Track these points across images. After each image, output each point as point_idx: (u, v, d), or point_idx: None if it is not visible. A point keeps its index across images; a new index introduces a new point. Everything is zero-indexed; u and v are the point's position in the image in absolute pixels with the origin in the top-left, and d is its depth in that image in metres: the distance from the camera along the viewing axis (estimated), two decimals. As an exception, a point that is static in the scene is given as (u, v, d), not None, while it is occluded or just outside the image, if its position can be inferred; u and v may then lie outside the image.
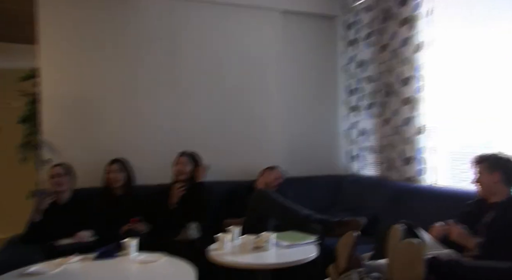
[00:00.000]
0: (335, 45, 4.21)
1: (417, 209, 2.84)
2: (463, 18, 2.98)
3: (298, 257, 2.22)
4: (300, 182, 3.75)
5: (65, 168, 2.85)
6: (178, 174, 3.13)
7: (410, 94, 3.19)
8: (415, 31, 3.16)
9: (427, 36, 3.11)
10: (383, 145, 3.49)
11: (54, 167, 2.86)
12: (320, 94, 4.15)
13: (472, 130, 2.92)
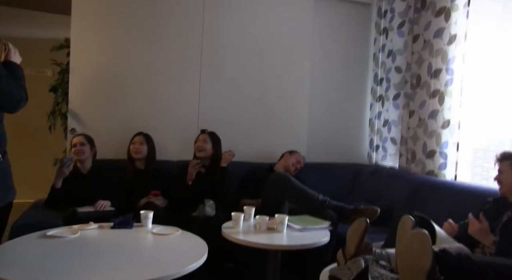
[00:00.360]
0: (368, 33, 4.14)
1: (434, 204, 2.81)
2: (498, 13, 2.88)
3: (310, 241, 2.24)
4: (320, 168, 3.76)
5: (86, 138, 2.94)
6: (198, 150, 3.19)
7: (438, 87, 3.13)
8: (450, 23, 3.07)
9: (461, 28, 3.02)
10: (406, 136, 3.45)
11: (76, 137, 2.95)
12: (348, 81, 4.10)
13: (498, 128, 2.85)
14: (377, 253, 1.85)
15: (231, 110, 3.67)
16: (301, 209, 2.78)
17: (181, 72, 3.54)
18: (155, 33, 3.46)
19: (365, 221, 1.80)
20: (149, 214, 2.33)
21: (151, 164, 3.11)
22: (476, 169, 3.04)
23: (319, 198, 2.76)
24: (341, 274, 1.65)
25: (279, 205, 2.76)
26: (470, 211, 2.37)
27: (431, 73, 3.19)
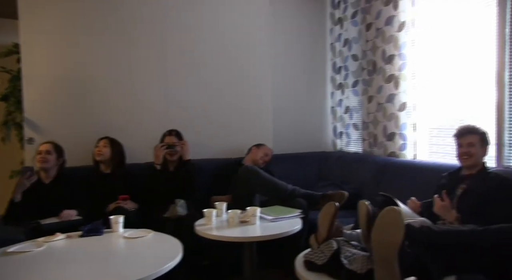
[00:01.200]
0: (324, 23, 4.23)
1: (398, 183, 2.95)
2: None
3: (283, 230, 2.30)
4: (287, 159, 3.83)
5: (53, 147, 2.86)
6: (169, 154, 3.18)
7: (393, 72, 3.25)
8: (398, 10, 3.20)
9: (409, 15, 3.15)
10: (367, 121, 3.57)
11: (44, 144, 2.86)
12: (308, 71, 4.19)
13: (449, 108, 3.01)
14: (348, 234, 1.93)
15: (196, 108, 3.67)
16: (272, 200, 2.84)
17: (144, 73, 3.50)
18: (114, 33, 3.41)
19: (334, 205, 1.86)
20: (119, 218, 2.31)
21: (117, 168, 3.06)
22: (432, 147, 3.20)
23: (288, 188, 2.82)
24: (315, 257, 1.71)
25: (250, 199, 2.80)
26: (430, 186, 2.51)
27: (385, 59, 3.31)
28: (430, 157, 3.17)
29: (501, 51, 2.56)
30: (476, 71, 2.78)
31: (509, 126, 2.56)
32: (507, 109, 2.56)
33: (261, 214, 2.47)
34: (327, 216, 1.85)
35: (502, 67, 2.56)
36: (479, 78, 2.76)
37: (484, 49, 2.70)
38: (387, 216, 1.50)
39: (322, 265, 1.66)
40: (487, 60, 2.67)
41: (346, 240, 1.79)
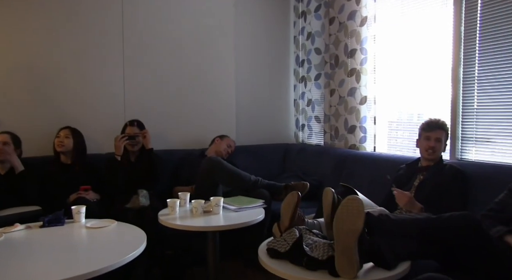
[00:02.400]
0: (287, 15, 4.26)
1: (358, 174, 3.04)
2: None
3: (246, 219, 2.32)
4: (251, 150, 3.86)
5: (11, 137, 2.74)
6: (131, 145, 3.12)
7: (355, 66, 3.33)
8: (360, 6, 3.27)
9: (371, 11, 3.24)
10: (329, 114, 3.65)
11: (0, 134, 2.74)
12: (272, 64, 4.21)
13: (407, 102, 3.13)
14: (310, 223, 1.98)
15: (157, 99, 3.62)
16: (235, 191, 2.86)
17: (103, 63, 3.41)
18: (72, 22, 3.29)
19: (296, 194, 1.90)
20: (81, 208, 2.26)
21: (79, 158, 2.98)
22: (391, 140, 3.32)
23: (251, 179, 2.84)
24: (278, 245, 1.74)
25: (214, 189, 2.81)
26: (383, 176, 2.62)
27: (348, 53, 3.39)
28: (389, 150, 3.29)
29: (456, 49, 2.68)
30: (433, 67, 2.91)
31: (462, 121, 2.69)
32: (461, 104, 2.69)
33: (225, 204, 2.49)
34: (289, 205, 1.89)
35: (457, 63, 2.68)
36: (435, 74, 2.88)
37: (440, 46, 2.82)
38: (348, 204, 1.55)
39: (284, 252, 1.70)
40: (444, 56, 2.79)
41: (308, 229, 1.84)
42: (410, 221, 1.72)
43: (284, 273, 1.62)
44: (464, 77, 2.66)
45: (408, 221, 1.72)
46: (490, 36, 2.49)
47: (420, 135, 2.48)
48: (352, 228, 1.49)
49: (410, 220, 1.72)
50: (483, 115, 2.58)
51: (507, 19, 2.39)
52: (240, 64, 3.99)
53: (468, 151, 2.67)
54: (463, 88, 2.67)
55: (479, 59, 2.57)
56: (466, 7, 2.62)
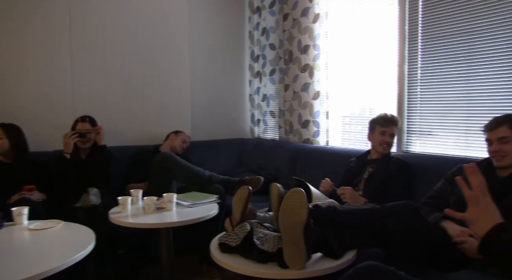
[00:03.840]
0: (242, 11, 4.26)
1: (312, 167, 3.11)
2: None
3: (200, 215, 2.31)
4: (206, 146, 3.85)
5: None
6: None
7: (308, 62, 3.40)
8: (313, 2, 3.33)
9: (323, 8, 3.31)
10: (283, 109, 3.70)
11: None
12: (227, 59, 4.20)
13: (359, 97, 3.23)
14: (261, 217, 2.01)
15: (109, 93, 3.53)
16: (189, 187, 2.84)
17: (49, 56, 3.27)
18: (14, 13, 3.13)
19: (247, 189, 1.92)
20: (23, 210, 2.14)
21: (20, 157, 2.82)
22: (344, 134, 3.42)
23: (205, 174, 2.84)
24: (229, 239, 1.76)
25: (167, 185, 2.78)
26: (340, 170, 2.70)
27: (301, 49, 3.45)
28: (342, 144, 3.39)
29: (401, 47, 2.79)
30: (381, 64, 3.02)
31: (407, 115, 2.82)
32: (406, 100, 2.81)
33: (178, 200, 2.47)
34: (240, 200, 1.91)
35: (402, 61, 2.79)
36: (383, 70, 2.99)
37: (387, 44, 2.93)
38: (292, 197, 1.59)
39: (235, 246, 1.72)
40: (390, 54, 2.90)
41: (259, 222, 1.86)
42: (356, 211, 1.78)
43: (235, 266, 1.64)
44: (408, 74, 2.78)
45: (354, 211, 1.79)
46: (431, 36, 2.62)
47: (374, 129, 2.56)
48: (296, 220, 1.53)
49: (356, 211, 1.79)
50: (426, 109, 2.71)
51: (445, 21, 2.53)
52: (195, 58, 3.95)
53: (413, 144, 2.80)
54: (408, 84, 2.79)
55: (421, 57, 2.69)
56: (409, 7, 2.73)
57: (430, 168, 2.41)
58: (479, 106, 2.42)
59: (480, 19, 2.37)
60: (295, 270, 1.54)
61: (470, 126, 2.46)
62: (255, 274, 1.59)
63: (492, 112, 2.22)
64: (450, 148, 2.59)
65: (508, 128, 1.82)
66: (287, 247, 1.55)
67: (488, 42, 2.35)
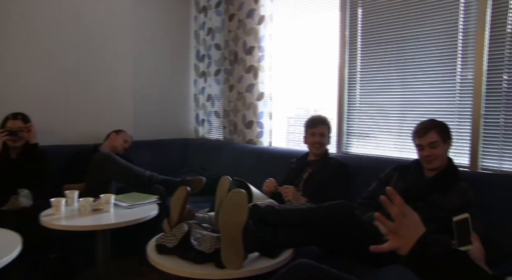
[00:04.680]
0: (188, 10, 4.21)
1: (255, 168, 3.14)
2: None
3: (138, 216, 2.26)
4: (149, 145, 3.76)
5: None
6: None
7: (253, 63, 3.42)
8: (258, 5, 3.37)
9: (268, 10, 3.35)
10: (228, 110, 3.70)
11: None
12: (172, 58, 4.13)
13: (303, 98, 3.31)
14: (200, 217, 2.00)
15: (48, 90, 3.35)
16: (129, 187, 2.77)
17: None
18: None
19: (185, 189, 1.90)
20: None
21: None
22: (290, 135, 3.48)
23: (146, 174, 2.78)
24: (167, 240, 1.73)
25: (106, 186, 2.69)
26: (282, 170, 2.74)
27: (246, 50, 3.47)
28: (287, 145, 3.44)
29: (342, 51, 2.89)
30: (322, 67, 3.10)
31: (347, 117, 2.92)
32: (346, 102, 2.91)
33: (116, 201, 2.40)
34: (178, 200, 1.88)
35: (343, 64, 2.89)
36: (326, 73, 3.08)
37: (329, 48, 3.02)
38: (233, 198, 1.59)
39: (172, 247, 1.70)
40: (332, 57, 2.99)
41: (198, 223, 1.85)
42: (293, 211, 1.82)
43: (172, 268, 1.62)
44: (349, 78, 2.88)
45: (291, 211, 1.82)
46: (369, 42, 2.74)
47: (306, 132, 2.64)
48: (236, 221, 1.54)
49: (293, 210, 1.83)
50: (364, 112, 2.82)
51: (382, 28, 2.66)
52: (138, 56, 3.85)
53: (352, 145, 2.91)
54: (348, 88, 2.89)
55: (360, 62, 2.81)
56: (350, 14, 2.84)
57: (368, 168, 2.51)
58: (411, 109, 2.56)
59: (413, 29, 2.51)
60: (231, 270, 1.55)
61: (403, 128, 2.60)
62: (191, 275, 1.58)
63: (423, 116, 2.35)
64: (386, 149, 2.71)
65: (436, 133, 1.95)
66: (225, 247, 1.55)
67: (419, 50, 2.49)
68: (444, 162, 2.00)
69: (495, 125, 2.22)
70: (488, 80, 2.23)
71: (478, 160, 2.28)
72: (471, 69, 2.30)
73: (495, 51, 2.19)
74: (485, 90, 2.24)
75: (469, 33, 2.30)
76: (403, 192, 2.01)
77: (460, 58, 2.35)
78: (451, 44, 2.37)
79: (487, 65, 2.22)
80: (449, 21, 2.37)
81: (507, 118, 2.17)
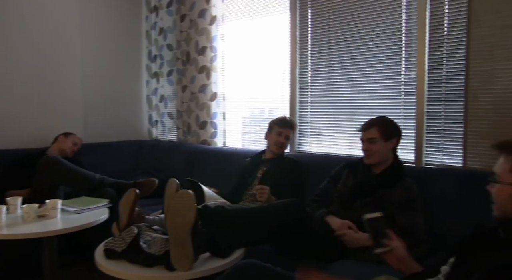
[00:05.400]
0: (139, 9, 4.12)
1: (209, 168, 3.13)
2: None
3: (87, 221, 2.19)
4: (101, 148, 3.65)
5: None
6: None
7: (205, 63, 3.41)
8: (210, 5, 3.36)
9: (219, 10, 3.34)
10: (181, 110, 3.66)
11: None
12: (123, 58, 4.02)
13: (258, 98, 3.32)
14: (151, 220, 1.96)
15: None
16: (78, 192, 2.67)
17: None
18: None
19: (134, 191, 1.86)
20: None
21: None
22: (245, 135, 3.49)
23: (96, 178, 2.70)
24: (115, 245, 1.69)
25: (53, 191, 2.60)
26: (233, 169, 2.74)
27: (198, 50, 3.45)
28: (243, 144, 3.45)
29: (293, 52, 2.94)
30: (275, 67, 3.13)
31: (299, 116, 2.96)
32: (298, 102, 2.96)
33: (63, 207, 2.30)
34: (127, 203, 1.84)
35: (294, 65, 2.94)
36: (277, 73, 3.12)
37: (281, 48, 3.05)
38: (180, 199, 1.58)
39: (121, 251, 1.66)
40: (284, 58, 3.02)
41: (148, 225, 1.82)
42: (243, 210, 1.83)
43: (120, 272, 1.58)
44: (300, 78, 2.93)
45: (242, 211, 1.83)
46: (319, 43, 2.81)
47: (272, 129, 2.64)
48: (183, 221, 1.52)
49: (243, 210, 1.84)
50: (316, 111, 2.88)
51: (331, 29, 2.73)
52: (87, 56, 3.72)
53: (305, 144, 2.96)
54: (299, 87, 2.94)
55: (311, 62, 2.86)
56: (300, 15, 2.89)
57: (320, 166, 2.56)
58: (361, 108, 2.64)
59: (360, 30, 2.59)
60: (182, 272, 1.53)
61: (354, 127, 2.66)
62: (140, 279, 1.55)
63: (371, 114, 2.42)
64: (338, 147, 2.78)
65: (377, 130, 2.03)
66: (174, 249, 1.53)
67: (367, 51, 2.58)
68: (384, 158, 2.07)
69: (436, 122, 2.34)
70: (429, 80, 2.34)
71: (423, 155, 2.39)
72: (414, 69, 2.40)
73: (435, 52, 2.31)
74: (427, 89, 2.35)
75: (411, 35, 2.41)
76: (353, 188, 2.10)
77: (404, 58, 2.45)
78: (396, 45, 2.47)
79: (428, 65, 2.34)
80: (393, 23, 2.47)
81: (447, 115, 2.29)
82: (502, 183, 1.12)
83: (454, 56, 2.24)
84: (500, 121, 2.10)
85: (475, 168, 2.18)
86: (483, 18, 2.11)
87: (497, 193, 1.14)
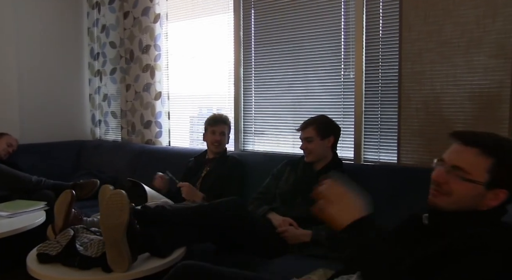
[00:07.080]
0: (80, 5, 3.97)
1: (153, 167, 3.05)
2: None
3: (21, 225, 2.10)
4: (39, 149, 3.49)
5: None
6: None
7: (149, 62, 3.36)
8: (154, 2, 3.31)
9: (163, 9, 3.31)
10: (125, 110, 3.58)
11: None
12: (63, 56, 3.86)
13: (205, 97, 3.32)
14: (89, 221, 1.91)
15: None
16: (13, 195, 2.55)
17: None
18: None
19: (70, 192, 1.81)
20: None
21: None
22: (193, 134, 3.46)
23: (32, 180, 2.59)
24: (50, 248, 1.63)
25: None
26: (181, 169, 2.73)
27: (142, 48, 3.39)
28: (191, 144, 3.42)
29: (237, 51, 2.96)
30: (219, 67, 3.14)
31: (244, 115, 2.99)
32: (242, 101, 2.99)
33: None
34: (62, 205, 1.79)
35: (238, 64, 2.96)
36: (222, 72, 3.13)
37: (225, 47, 3.07)
38: (112, 200, 1.54)
39: (56, 255, 1.60)
40: (228, 57, 3.04)
41: (86, 227, 1.77)
42: (184, 209, 1.83)
43: (54, 277, 1.53)
44: (244, 77, 2.96)
45: (182, 210, 1.83)
46: (262, 43, 2.84)
47: (206, 129, 2.65)
48: (116, 222, 1.49)
49: (184, 209, 1.83)
50: (259, 110, 2.92)
51: (274, 29, 2.77)
52: (24, 55, 3.53)
53: (249, 143, 2.99)
54: (243, 87, 2.97)
55: (255, 62, 2.90)
56: (243, 15, 2.92)
57: (264, 165, 2.59)
58: (303, 107, 2.70)
59: (302, 30, 2.65)
60: (119, 273, 1.51)
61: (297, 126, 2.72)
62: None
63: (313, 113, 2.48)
64: (281, 146, 2.83)
65: (314, 129, 2.11)
66: (110, 250, 1.50)
67: (309, 51, 2.64)
68: (322, 156, 2.15)
69: (373, 121, 2.45)
70: (366, 80, 2.45)
71: (361, 153, 2.50)
72: (352, 69, 2.50)
73: (371, 54, 2.42)
74: (365, 89, 2.46)
75: (349, 36, 2.50)
76: (294, 185, 2.15)
77: (343, 59, 2.54)
78: (336, 46, 2.55)
79: (365, 66, 2.44)
80: (333, 24, 2.55)
81: (383, 115, 2.41)
82: (473, 182, 1.06)
83: (389, 58, 2.36)
84: (429, 119, 2.23)
85: (408, 164, 2.31)
86: (413, 22, 2.23)
87: (461, 188, 1.07)
